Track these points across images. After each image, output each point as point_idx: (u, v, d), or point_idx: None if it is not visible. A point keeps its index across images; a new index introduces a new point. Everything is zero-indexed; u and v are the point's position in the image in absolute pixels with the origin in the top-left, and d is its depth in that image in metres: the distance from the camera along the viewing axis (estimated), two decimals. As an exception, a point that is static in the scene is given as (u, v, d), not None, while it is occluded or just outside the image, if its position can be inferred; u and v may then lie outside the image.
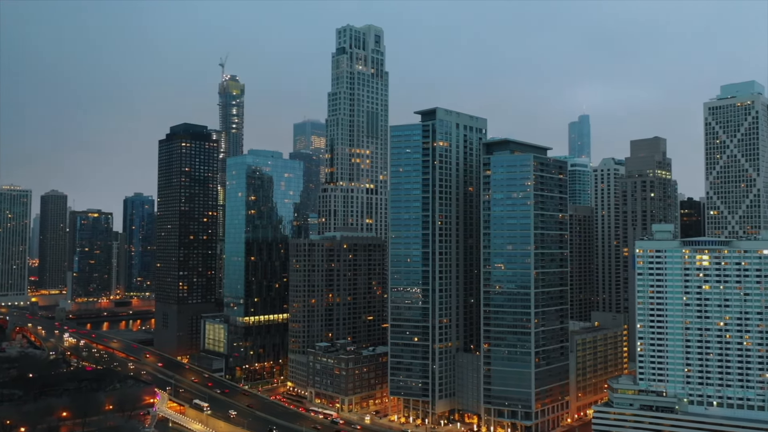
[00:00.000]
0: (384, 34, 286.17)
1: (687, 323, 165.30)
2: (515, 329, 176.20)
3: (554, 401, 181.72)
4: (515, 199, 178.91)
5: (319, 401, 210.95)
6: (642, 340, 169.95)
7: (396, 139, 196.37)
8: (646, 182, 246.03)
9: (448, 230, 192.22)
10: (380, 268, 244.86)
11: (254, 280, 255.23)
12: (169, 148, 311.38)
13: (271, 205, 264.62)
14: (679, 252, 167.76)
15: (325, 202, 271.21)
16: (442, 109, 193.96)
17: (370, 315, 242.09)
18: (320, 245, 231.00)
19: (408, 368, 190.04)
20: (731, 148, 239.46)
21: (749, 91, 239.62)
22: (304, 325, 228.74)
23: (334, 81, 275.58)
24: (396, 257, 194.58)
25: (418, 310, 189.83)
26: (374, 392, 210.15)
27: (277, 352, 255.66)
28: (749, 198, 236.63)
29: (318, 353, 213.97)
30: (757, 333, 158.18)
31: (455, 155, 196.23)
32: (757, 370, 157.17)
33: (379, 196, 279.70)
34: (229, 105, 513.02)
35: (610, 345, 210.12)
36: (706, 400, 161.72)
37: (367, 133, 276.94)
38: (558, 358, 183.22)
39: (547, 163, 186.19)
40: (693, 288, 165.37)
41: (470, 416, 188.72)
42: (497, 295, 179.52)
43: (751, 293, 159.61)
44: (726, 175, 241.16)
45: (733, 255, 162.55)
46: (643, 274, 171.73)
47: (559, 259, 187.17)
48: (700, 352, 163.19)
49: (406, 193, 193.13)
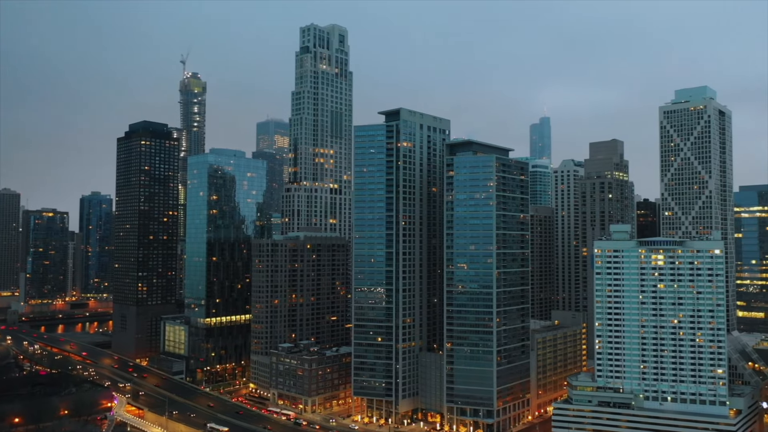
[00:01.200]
0: (348, 34, 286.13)
1: (643, 321, 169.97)
2: (477, 328, 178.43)
3: (515, 399, 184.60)
4: (478, 199, 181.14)
5: (282, 402, 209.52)
6: (600, 337, 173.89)
7: (360, 140, 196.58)
8: (605, 184, 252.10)
9: (411, 230, 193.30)
10: (344, 269, 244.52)
11: (216, 280, 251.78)
12: (128, 146, 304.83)
13: (233, 204, 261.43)
14: (636, 252, 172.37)
15: (289, 201, 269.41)
16: (405, 110, 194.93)
17: (333, 315, 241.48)
18: (283, 245, 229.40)
19: (371, 368, 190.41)
20: (685, 151, 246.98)
21: (702, 96, 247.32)
22: (267, 326, 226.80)
23: (298, 80, 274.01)
24: (360, 257, 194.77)
25: (381, 310, 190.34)
26: (338, 393, 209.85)
27: (239, 354, 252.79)
28: (702, 199, 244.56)
29: (281, 354, 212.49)
30: (709, 330, 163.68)
31: (419, 156, 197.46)
32: (708, 366, 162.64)
33: (343, 196, 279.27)
34: (191, 103, 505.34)
35: (570, 343, 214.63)
36: (660, 396, 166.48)
37: (331, 133, 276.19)
38: (519, 356, 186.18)
39: (509, 165, 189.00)
40: (648, 287, 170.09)
41: (433, 415, 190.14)
42: (460, 294, 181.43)
43: (703, 292, 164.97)
44: (680, 178, 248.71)
45: (687, 255, 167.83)
46: (601, 273, 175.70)
47: (521, 259, 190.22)
48: (655, 349, 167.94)
49: (370, 194, 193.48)
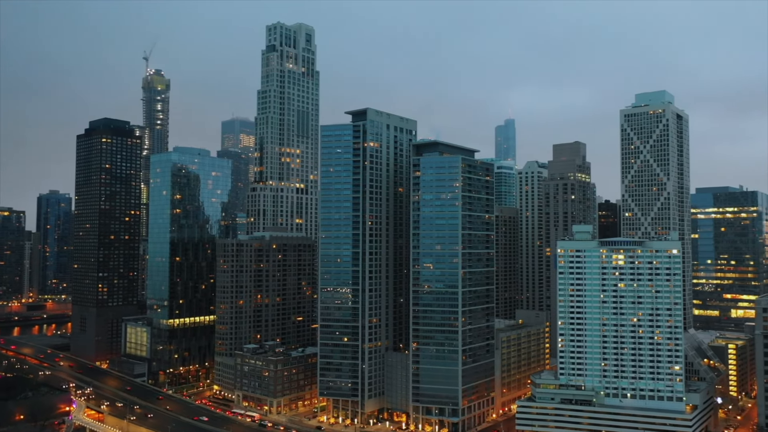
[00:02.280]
0: (315, 33, 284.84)
1: (604, 320, 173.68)
2: (443, 328, 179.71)
3: (480, 398, 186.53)
4: (444, 200, 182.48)
5: (247, 404, 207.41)
6: (563, 336, 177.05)
7: (327, 139, 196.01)
8: (568, 185, 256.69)
9: (378, 230, 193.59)
10: (310, 269, 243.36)
11: (179, 281, 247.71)
12: (88, 144, 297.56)
13: (197, 204, 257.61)
14: (597, 252, 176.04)
15: (254, 201, 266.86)
16: (372, 110, 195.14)
17: (299, 316, 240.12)
18: (249, 245, 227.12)
19: (337, 368, 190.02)
20: (644, 154, 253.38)
21: (661, 100, 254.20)
22: (232, 326, 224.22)
23: (264, 79, 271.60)
24: (326, 257, 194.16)
25: (348, 310, 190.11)
26: (303, 393, 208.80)
27: (203, 355, 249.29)
28: (660, 201, 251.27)
29: (246, 355, 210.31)
30: (667, 328, 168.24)
31: (385, 156, 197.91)
32: (666, 363, 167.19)
33: (310, 195, 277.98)
34: (154, 100, 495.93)
35: (533, 342, 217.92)
36: (621, 393, 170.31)
37: (297, 133, 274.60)
38: (484, 355, 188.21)
39: (475, 165, 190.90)
40: (609, 286, 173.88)
41: (399, 415, 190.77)
42: (426, 294, 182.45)
43: (662, 290, 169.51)
44: (639, 179, 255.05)
45: (646, 254, 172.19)
46: (564, 273, 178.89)
47: (486, 259, 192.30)
48: (615, 347, 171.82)
49: (336, 193, 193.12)
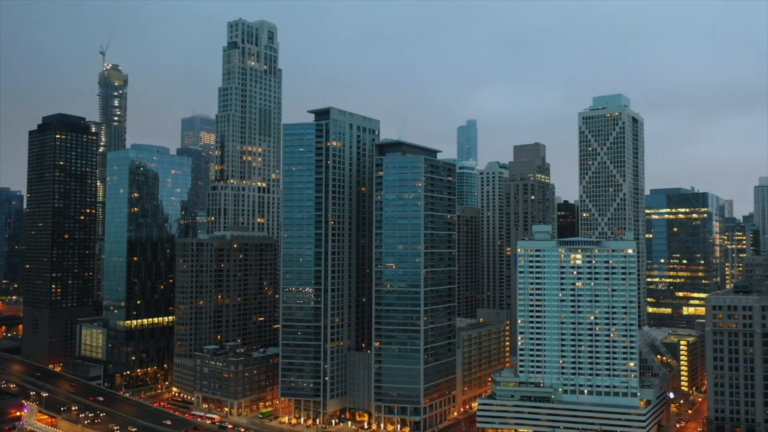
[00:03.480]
0: (278, 30, 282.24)
1: (562, 318, 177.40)
2: (405, 327, 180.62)
3: (442, 396, 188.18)
4: (406, 199, 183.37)
5: (207, 406, 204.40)
6: (522, 334, 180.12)
7: (289, 138, 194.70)
8: (527, 186, 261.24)
9: (340, 230, 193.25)
10: (272, 268, 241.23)
11: (137, 281, 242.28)
12: (41, 140, 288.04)
13: (156, 202, 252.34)
14: (556, 251, 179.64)
15: (215, 200, 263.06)
16: (335, 109, 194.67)
17: (261, 316, 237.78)
18: (209, 245, 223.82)
19: (299, 369, 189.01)
20: (601, 156, 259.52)
21: (617, 103, 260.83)
22: (191, 327, 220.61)
23: (225, 76, 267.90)
24: (288, 257, 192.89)
25: (310, 310, 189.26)
26: (265, 394, 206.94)
27: (161, 357, 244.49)
28: (616, 201, 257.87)
29: (206, 356, 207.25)
30: (622, 326, 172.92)
31: (348, 155, 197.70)
32: (621, 360, 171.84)
33: (272, 194, 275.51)
34: (111, 96, 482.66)
35: (494, 340, 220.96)
36: (578, 389, 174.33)
37: (259, 131, 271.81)
38: (446, 354, 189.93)
39: (437, 166, 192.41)
40: (568, 285, 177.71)
41: (361, 414, 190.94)
42: (388, 293, 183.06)
43: (618, 289, 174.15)
44: (597, 180, 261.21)
45: (603, 254, 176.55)
46: (524, 272, 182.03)
47: (448, 259, 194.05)
48: (573, 344, 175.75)
49: (299, 193, 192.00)
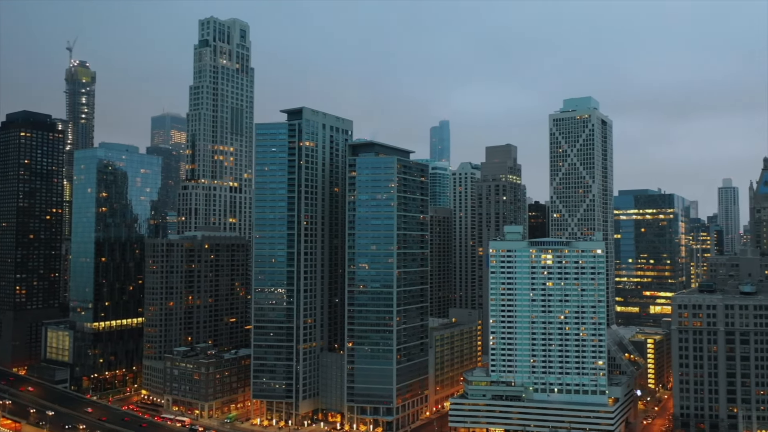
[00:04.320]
0: (251, 29, 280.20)
1: (533, 317, 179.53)
2: (378, 327, 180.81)
3: (414, 396, 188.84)
4: (379, 200, 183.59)
5: (177, 409, 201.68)
6: (494, 334, 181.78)
7: (261, 138, 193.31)
8: (499, 186, 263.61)
9: (313, 230, 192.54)
10: (244, 269, 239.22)
11: (105, 282, 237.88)
12: (5, 138, 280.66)
13: (125, 202, 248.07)
14: (527, 252, 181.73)
15: (186, 200, 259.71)
16: (308, 109, 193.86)
17: (232, 317, 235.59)
18: (179, 245, 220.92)
19: (271, 370, 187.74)
20: (571, 157, 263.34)
21: (587, 105, 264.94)
22: (161, 329, 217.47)
23: (196, 74, 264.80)
24: (260, 257, 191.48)
25: (282, 310, 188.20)
26: (236, 396, 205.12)
27: (130, 359, 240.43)
28: (586, 202, 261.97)
29: (176, 358, 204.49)
30: (592, 325, 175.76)
31: (321, 156, 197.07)
32: (591, 359, 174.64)
33: (244, 194, 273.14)
34: (78, 93, 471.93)
35: (466, 340, 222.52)
36: (548, 388, 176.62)
37: (231, 130, 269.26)
38: (418, 354, 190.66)
39: (410, 166, 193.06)
40: (538, 285, 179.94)
41: (334, 415, 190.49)
42: (361, 294, 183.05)
43: (587, 289, 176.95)
44: (567, 182, 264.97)
45: (573, 254, 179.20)
46: (495, 272, 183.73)
47: (420, 259, 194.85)
48: (543, 343, 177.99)
49: (271, 193, 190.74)
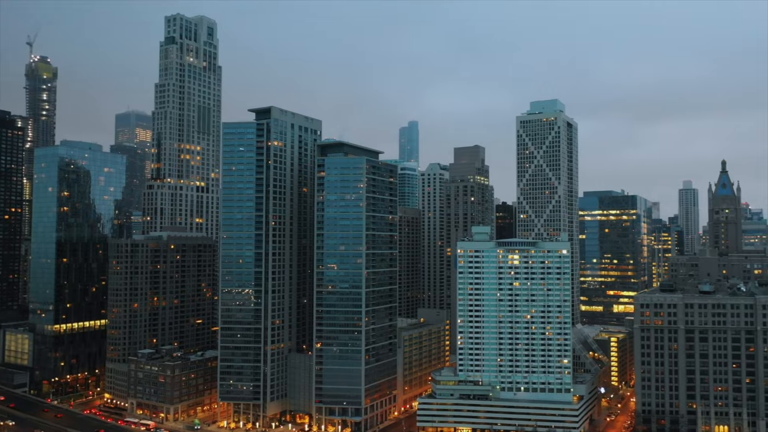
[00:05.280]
0: (218, 26, 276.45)
1: (500, 317, 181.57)
2: (347, 328, 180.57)
3: (383, 396, 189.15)
4: (348, 200, 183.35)
5: (141, 412, 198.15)
6: (462, 333, 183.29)
7: (229, 137, 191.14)
8: (467, 187, 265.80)
9: (281, 231, 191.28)
10: (210, 270, 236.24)
11: (67, 283, 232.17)
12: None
13: (87, 201, 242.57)
14: (495, 252, 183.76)
15: (151, 199, 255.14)
16: (277, 108, 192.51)
17: (199, 318, 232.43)
18: (144, 245, 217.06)
19: (239, 372, 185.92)
20: (538, 159, 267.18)
21: (553, 108, 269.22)
22: (125, 331, 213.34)
23: (163, 72, 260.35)
24: (228, 258, 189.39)
25: (250, 311, 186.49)
26: (203, 398, 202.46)
27: (93, 362, 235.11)
28: (552, 203, 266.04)
29: (140, 361, 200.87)
30: (557, 324, 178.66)
31: (290, 155, 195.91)
32: (556, 357, 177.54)
33: (211, 194, 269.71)
34: (38, 89, 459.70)
35: (434, 339, 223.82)
36: (515, 386, 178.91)
37: (198, 129, 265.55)
38: (387, 354, 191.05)
39: (379, 167, 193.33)
40: (505, 285, 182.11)
41: (302, 416, 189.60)
42: (330, 294, 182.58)
43: (553, 289, 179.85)
44: (533, 183, 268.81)
45: (539, 255, 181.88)
46: (463, 272, 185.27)
47: (389, 259, 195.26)
48: (510, 343, 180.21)
49: (239, 193, 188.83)
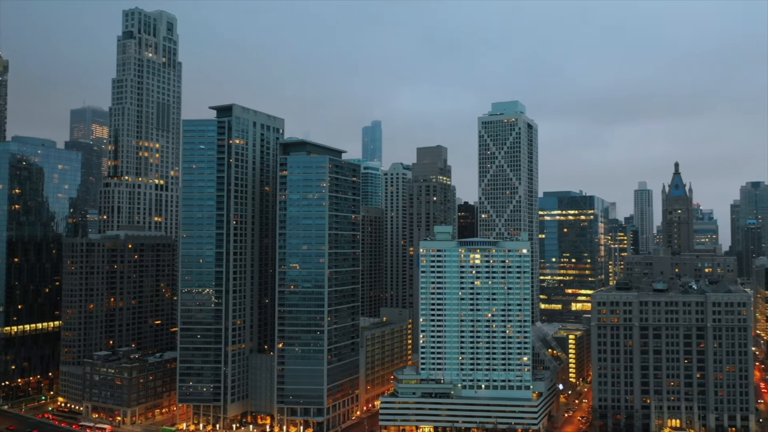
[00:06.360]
0: (178, 22, 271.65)
1: (462, 316, 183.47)
2: (309, 328, 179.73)
3: (345, 396, 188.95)
4: (311, 199, 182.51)
5: (97, 416, 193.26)
6: (424, 332, 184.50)
7: (189, 134, 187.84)
8: (430, 187, 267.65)
9: (243, 230, 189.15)
10: (170, 269, 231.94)
11: (18, 284, 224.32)
12: None
13: (40, 199, 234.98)
14: (456, 251, 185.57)
15: (108, 197, 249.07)
16: (238, 106, 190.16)
17: (157, 319, 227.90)
18: (101, 245, 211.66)
19: (199, 373, 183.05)
20: (499, 159, 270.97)
21: (513, 109, 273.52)
22: (80, 332, 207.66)
23: (120, 67, 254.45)
24: (187, 258, 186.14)
25: (210, 312, 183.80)
26: (161, 401, 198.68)
27: (46, 365, 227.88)
28: (512, 204, 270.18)
29: (96, 363, 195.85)
30: (517, 322, 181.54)
31: (252, 154, 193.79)
32: (516, 355, 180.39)
33: (170, 192, 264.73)
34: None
35: (397, 338, 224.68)
36: (476, 384, 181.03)
37: (156, 126, 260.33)
38: (349, 354, 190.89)
39: (342, 166, 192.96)
40: (467, 284, 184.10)
41: (263, 417, 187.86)
42: (292, 294, 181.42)
43: (513, 287, 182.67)
44: (495, 183, 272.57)
45: (500, 254, 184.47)
46: (425, 271, 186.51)
47: (352, 259, 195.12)
48: (472, 341, 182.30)
49: (199, 191, 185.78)
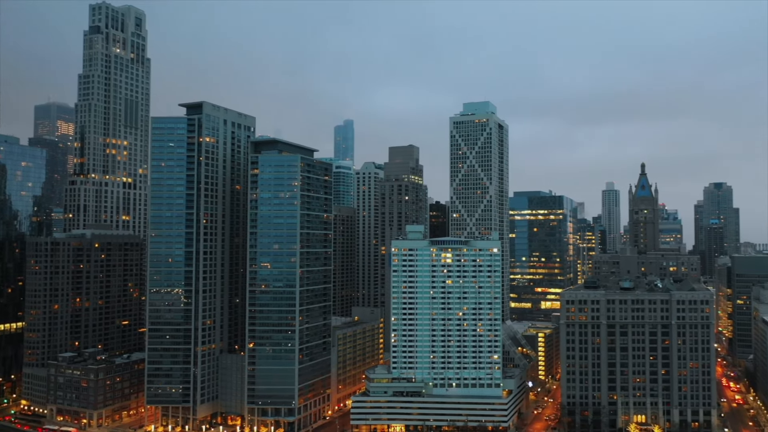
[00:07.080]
0: (147, 17, 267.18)
1: (433, 315, 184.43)
2: (280, 327, 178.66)
3: (316, 395, 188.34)
4: (282, 198, 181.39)
5: (62, 419, 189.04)
6: (395, 331, 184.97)
7: (158, 132, 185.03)
8: (402, 186, 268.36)
9: (213, 229, 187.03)
10: (138, 269, 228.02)
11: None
12: None
13: (2, 197, 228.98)
14: (428, 251, 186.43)
15: (74, 195, 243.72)
16: (209, 104, 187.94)
17: (125, 320, 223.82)
18: (66, 244, 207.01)
19: (167, 374, 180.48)
20: (470, 159, 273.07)
21: (485, 110, 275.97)
22: (45, 334, 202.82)
23: (87, 62, 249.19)
24: (156, 257, 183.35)
25: (179, 312, 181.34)
26: (129, 403, 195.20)
27: (7, 367, 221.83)
28: (483, 203, 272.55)
29: (61, 365, 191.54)
30: (488, 321, 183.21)
31: (222, 152, 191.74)
32: (487, 353, 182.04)
33: (138, 191, 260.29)
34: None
35: (368, 338, 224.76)
36: (447, 382, 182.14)
37: (125, 123, 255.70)
38: (320, 353, 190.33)
39: (314, 165, 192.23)
40: (438, 283, 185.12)
41: (234, 418, 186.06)
42: (263, 294, 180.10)
43: (484, 286, 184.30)
44: (466, 183, 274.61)
45: (471, 253, 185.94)
46: (397, 270, 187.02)
47: (324, 258, 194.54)
48: (443, 340, 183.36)
49: (168, 190, 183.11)
